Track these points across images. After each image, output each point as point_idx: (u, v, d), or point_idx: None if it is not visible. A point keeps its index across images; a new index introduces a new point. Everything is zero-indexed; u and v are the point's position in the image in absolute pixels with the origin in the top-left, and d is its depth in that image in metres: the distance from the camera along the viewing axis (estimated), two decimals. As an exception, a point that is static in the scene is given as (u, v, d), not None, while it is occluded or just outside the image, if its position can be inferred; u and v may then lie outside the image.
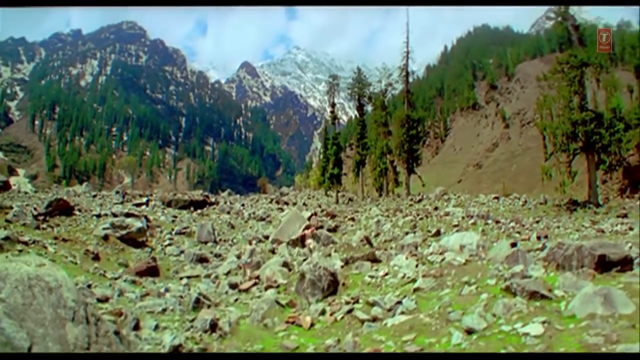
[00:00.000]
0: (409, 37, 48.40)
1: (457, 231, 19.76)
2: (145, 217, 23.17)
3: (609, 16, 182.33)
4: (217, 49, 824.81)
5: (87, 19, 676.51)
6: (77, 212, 21.54)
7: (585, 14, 33.28)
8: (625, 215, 24.70)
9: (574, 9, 32.59)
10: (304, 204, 45.40)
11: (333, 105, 56.06)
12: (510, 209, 31.02)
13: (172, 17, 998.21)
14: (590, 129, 29.78)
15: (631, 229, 18.65)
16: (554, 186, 34.11)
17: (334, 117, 55.75)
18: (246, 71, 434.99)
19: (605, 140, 29.94)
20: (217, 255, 18.68)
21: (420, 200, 37.96)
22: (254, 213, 31.11)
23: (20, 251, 13.78)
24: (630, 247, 12.84)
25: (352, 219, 28.37)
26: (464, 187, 67.94)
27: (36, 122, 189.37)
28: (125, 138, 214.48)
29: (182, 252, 18.78)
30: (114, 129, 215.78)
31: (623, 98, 48.11)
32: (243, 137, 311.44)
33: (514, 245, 12.80)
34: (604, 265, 8.23)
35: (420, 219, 25.47)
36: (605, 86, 47.45)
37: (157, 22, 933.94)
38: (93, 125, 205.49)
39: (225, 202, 35.50)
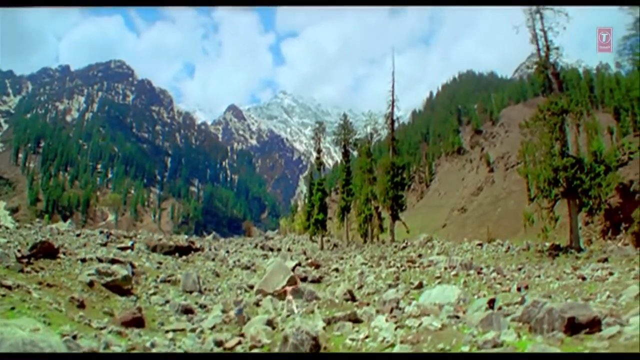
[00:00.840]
0: (394, 87, 49.85)
1: (439, 283, 20.18)
2: (131, 263, 23.13)
3: (590, 59, 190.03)
4: (204, 91, 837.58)
5: (75, 56, 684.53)
6: (62, 255, 21.33)
7: (566, 58, 34.36)
8: (605, 260, 25.21)
9: (553, 56, 33.67)
10: (289, 249, 45.51)
11: (319, 152, 56.91)
12: (493, 256, 31.47)
13: (160, 58, 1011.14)
14: (572, 174, 30.28)
15: (611, 273, 19.16)
16: (537, 230, 34.45)
17: (320, 164, 56.51)
18: (233, 114, 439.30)
19: (586, 185, 30.35)
20: (203, 306, 18.64)
21: (404, 248, 38.33)
22: (238, 260, 31.14)
23: (4, 296, 13.57)
24: (609, 296, 13.33)
25: (337, 270, 28.49)
26: (448, 232, 68.39)
27: (20, 155, 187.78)
28: (110, 175, 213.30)
29: (167, 302, 18.64)
30: (99, 166, 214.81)
31: (604, 139, 49.42)
32: (228, 179, 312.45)
33: (492, 302, 13.21)
34: (573, 327, 8.67)
35: (404, 270, 25.75)
36: (586, 129, 48.77)
37: (145, 62, 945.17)
38: (78, 161, 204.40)
39: (210, 249, 35.47)
